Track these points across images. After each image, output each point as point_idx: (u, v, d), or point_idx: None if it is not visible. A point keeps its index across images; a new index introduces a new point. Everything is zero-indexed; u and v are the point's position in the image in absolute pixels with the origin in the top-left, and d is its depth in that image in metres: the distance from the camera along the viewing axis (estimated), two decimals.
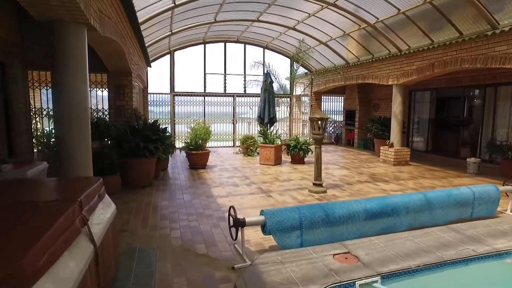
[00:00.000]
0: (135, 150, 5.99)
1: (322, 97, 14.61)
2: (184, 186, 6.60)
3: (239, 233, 3.32)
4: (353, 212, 3.68)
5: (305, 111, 15.12)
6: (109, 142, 6.30)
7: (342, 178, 7.46)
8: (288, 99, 14.39)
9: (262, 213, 3.44)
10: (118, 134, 6.06)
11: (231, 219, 3.42)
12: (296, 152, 9.12)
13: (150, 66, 12.08)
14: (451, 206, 4.21)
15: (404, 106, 9.57)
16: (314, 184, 6.16)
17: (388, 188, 6.51)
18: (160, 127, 6.99)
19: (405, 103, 9.66)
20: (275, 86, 11.59)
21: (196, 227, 4.28)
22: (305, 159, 9.47)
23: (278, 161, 9.24)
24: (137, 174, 6.22)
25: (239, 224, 3.23)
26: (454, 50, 7.20)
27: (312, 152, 9.40)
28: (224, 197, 5.73)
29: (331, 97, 15.13)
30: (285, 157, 9.87)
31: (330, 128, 15.04)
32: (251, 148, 10.70)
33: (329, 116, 15.07)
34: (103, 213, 2.44)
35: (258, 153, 10.65)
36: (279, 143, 9.50)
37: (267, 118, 11.10)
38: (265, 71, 11.38)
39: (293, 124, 14.52)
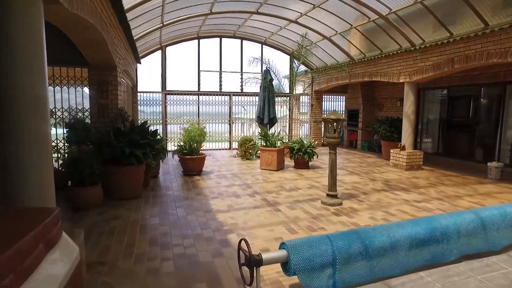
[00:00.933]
0: (120, 156, 5.10)
1: (323, 96, 13.85)
2: (178, 197, 5.73)
3: (254, 273, 2.48)
4: (396, 240, 2.88)
5: (305, 111, 14.35)
6: (91, 146, 5.40)
7: (355, 186, 6.68)
8: (285, 98, 13.58)
9: (283, 246, 2.61)
10: (99, 138, 5.16)
11: (242, 254, 2.58)
12: (301, 156, 8.32)
13: (140, 63, 11.16)
14: (507, 228, 3.44)
15: (417, 106, 8.84)
16: (328, 195, 5.35)
17: (410, 198, 5.74)
18: (150, 129, 6.12)
19: (417, 103, 8.94)
20: (275, 84, 10.76)
21: (194, 255, 3.42)
22: (310, 164, 8.68)
23: (280, 166, 8.42)
24: (122, 184, 5.33)
25: (255, 263, 2.39)
26: (478, 43, 6.48)
27: (317, 156, 8.60)
28: (225, 212, 4.88)
29: (332, 96, 14.38)
30: (288, 161, 9.07)
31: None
32: (250, 151, 9.87)
33: None
34: (55, 268, 1.58)
35: (257, 157, 9.83)
36: (281, 146, 8.68)
37: (266, 118, 10.28)
38: (265, 68, 10.55)
39: (293, 125, 13.72)
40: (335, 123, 5.08)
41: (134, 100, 11.32)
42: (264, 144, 8.62)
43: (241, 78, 12.59)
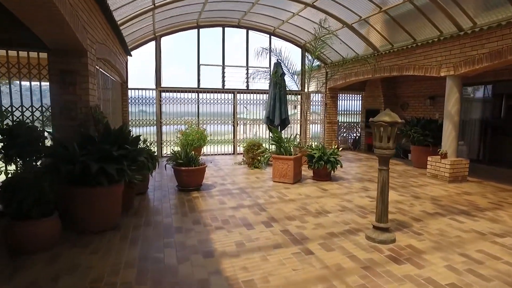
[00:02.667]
0: (85, 175, 3.61)
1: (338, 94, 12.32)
2: (168, 228, 4.23)
3: None
4: None
5: (315, 111, 12.81)
6: (44, 161, 3.90)
7: (399, 208, 5.17)
8: (295, 96, 12.05)
9: None
10: (55, 151, 3.66)
11: None
12: (322, 165, 6.81)
13: (130, 55, 9.68)
14: None
15: (461, 105, 7.32)
16: (376, 228, 3.84)
17: (482, 229, 4.23)
18: (132, 134, 4.63)
19: (461, 101, 7.40)
20: (287, 79, 9.25)
21: None
22: (331, 174, 7.18)
23: (297, 178, 6.92)
24: (89, 212, 3.83)
25: None
26: None
27: (341, 165, 7.10)
28: (234, 257, 3.37)
29: (347, 95, 12.81)
30: (304, 170, 7.56)
31: (343, 130, 12.73)
32: (259, 158, 8.36)
33: (342, 116, 12.84)
34: None
35: (267, 164, 8.33)
36: (297, 153, 7.16)
37: (278, 119, 8.78)
38: (275, 61, 9.04)
39: (307, 127, 12.19)
40: (390, 128, 3.58)
41: (124, 99, 9.84)
42: (277, 150, 7.10)
43: (247, 73, 11.08)
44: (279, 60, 8.99)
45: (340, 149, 7.39)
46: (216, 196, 5.74)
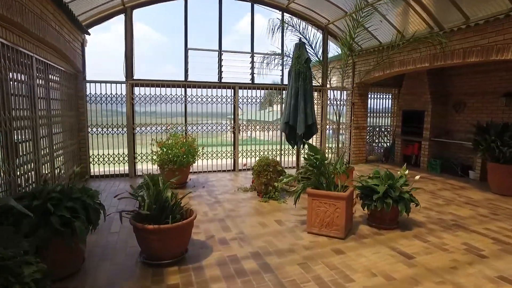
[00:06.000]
0: None
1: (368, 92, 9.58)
2: None
3: None
4: None
5: (340, 111, 10.05)
6: None
7: None
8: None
9: None
10: None
11: None
12: (390, 206, 4.04)
13: (88, 33, 6.80)
14: None
15: None
16: None
17: None
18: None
19: None
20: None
21: None
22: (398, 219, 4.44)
23: (349, 227, 4.15)
24: None
25: None
26: None
27: (417, 204, 4.36)
28: None
29: (373, 92, 10.12)
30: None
31: (370, 138, 9.96)
32: (276, 185, 5.56)
33: (369, 120, 10.14)
34: None
35: (284, 190, 5.59)
36: (344, 183, 4.35)
37: (301, 126, 6.01)
38: (297, 41, 6.26)
39: (339, 137, 9.42)
40: None
41: (79, 95, 6.94)
42: (315, 180, 4.29)
43: (252, 61, 8.26)
44: (302, 40, 6.21)
45: (407, 172, 4.59)
46: (214, 284, 2.92)
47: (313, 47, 6.34)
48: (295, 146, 6.39)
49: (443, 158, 8.35)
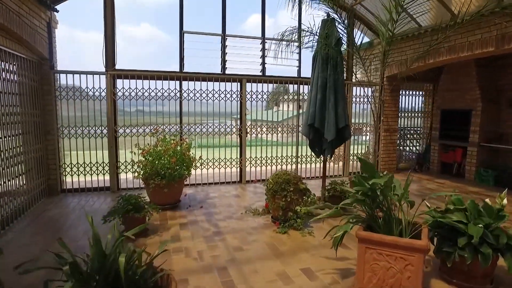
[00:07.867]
0: None
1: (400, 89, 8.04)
2: None
3: None
4: None
5: (367, 110, 8.46)
6: None
7: None
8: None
9: None
10: None
11: None
12: (488, 257, 2.53)
13: (55, 10, 5.37)
14: None
15: None
16: None
17: None
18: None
19: None
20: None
21: None
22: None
23: None
24: None
25: None
26: None
27: None
28: None
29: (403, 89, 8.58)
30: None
31: (402, 142, 8.35)
32: (298, 209, 4.07)
33: (400, 121, 8.63)
34: None
35: (308, 214, 4.12)
36: (417, 224, 2.84)
37: (331, 129, 4.50)
38: (325, 16, 4.75)
39: (380, 145, 7.91)
40: None
41: (46, 90, 5.50)
42: (369, 216, 2.80)
43: (263, 48, 6.77)
44: (332, 15, 4.71)
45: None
46: None
47: (346, 26, 4.82)
48: (321, 156, 4.88)
49: (498, 168, 6.79)
